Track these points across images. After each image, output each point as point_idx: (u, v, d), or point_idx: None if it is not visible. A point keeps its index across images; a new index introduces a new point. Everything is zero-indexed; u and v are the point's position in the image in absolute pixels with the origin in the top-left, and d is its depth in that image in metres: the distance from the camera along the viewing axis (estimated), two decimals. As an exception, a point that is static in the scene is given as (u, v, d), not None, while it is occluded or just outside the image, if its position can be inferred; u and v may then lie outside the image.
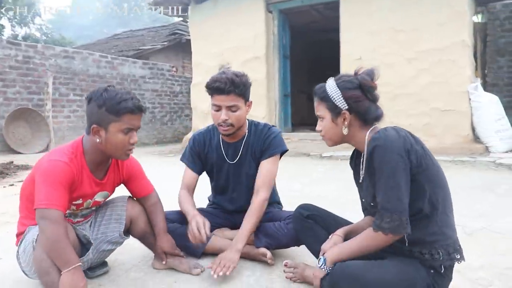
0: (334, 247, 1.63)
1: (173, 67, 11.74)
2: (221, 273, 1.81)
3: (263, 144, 2.17)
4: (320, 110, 1.63)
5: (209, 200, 2.50)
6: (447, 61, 6.04)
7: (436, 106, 6.13)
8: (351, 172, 1.76)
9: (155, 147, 9.85)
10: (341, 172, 4.78)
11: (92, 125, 1.73)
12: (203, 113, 8.07)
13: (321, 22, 9.22)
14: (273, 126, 2.25)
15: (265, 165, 2.14)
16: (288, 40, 8.07)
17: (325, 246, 1.70)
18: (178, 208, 2.21)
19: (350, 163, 1.81)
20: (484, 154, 5.61)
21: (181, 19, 13.24)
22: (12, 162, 5.87)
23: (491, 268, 1.95)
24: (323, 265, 1.63)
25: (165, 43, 12.50)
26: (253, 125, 2.24)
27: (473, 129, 5.97)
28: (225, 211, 2.35)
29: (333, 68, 6.33)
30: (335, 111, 1.58)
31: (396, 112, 6.11)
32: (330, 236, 1.75)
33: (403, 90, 6.34)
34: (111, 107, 1.69)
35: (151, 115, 10.69)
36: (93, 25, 34.39)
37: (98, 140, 1.74)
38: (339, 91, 1.56)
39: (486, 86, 7.78)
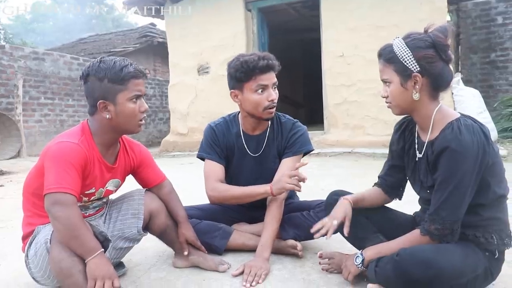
0: (372, 247, 1.55)
1: (145, 69, 11.41)
2: (254, 283, 1.67)
3: (287, 140, 2.02)
4: (387, 73, 1.48)
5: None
6: (429, 56, 6.09)
7: (420, 100, 6.15)
8: (342, 168, 1.68)
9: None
10: (333, 167, 4.68)
11: (97, 102, 1.57)
12: (182, 114, 7.85)
13: (297, 22, 9.20)
14: (297, 121, 2.10)
15: (286, 164, 1.98)
16: (266, 39, 7.99)
17: (335, 213, 1.65)
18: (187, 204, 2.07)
19: (393, 136, 1.71)
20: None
21: (150, 22, 12.98)
22: (-17, 168, 5.47)
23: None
24: (360, 264, 1.55)
25: (137, 45, 12.14)
26: (276, 117, 2.09)
27: (456, 123, 6.05)
28: (243, 205, 2.20)
29: (309, 67, 6.23)
30: (405, 73, 1.42)
31: (381, 108, 6.09)
32: (339, 201, 1.69)
33: (386, 86, 6.33)
34: (114, 76, 1.55)
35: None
36: (54, 31, 33.10)
37: (108, 116, 1.58)
38: (409, 50, 1.40)
39: (461, 83, 7.93)
